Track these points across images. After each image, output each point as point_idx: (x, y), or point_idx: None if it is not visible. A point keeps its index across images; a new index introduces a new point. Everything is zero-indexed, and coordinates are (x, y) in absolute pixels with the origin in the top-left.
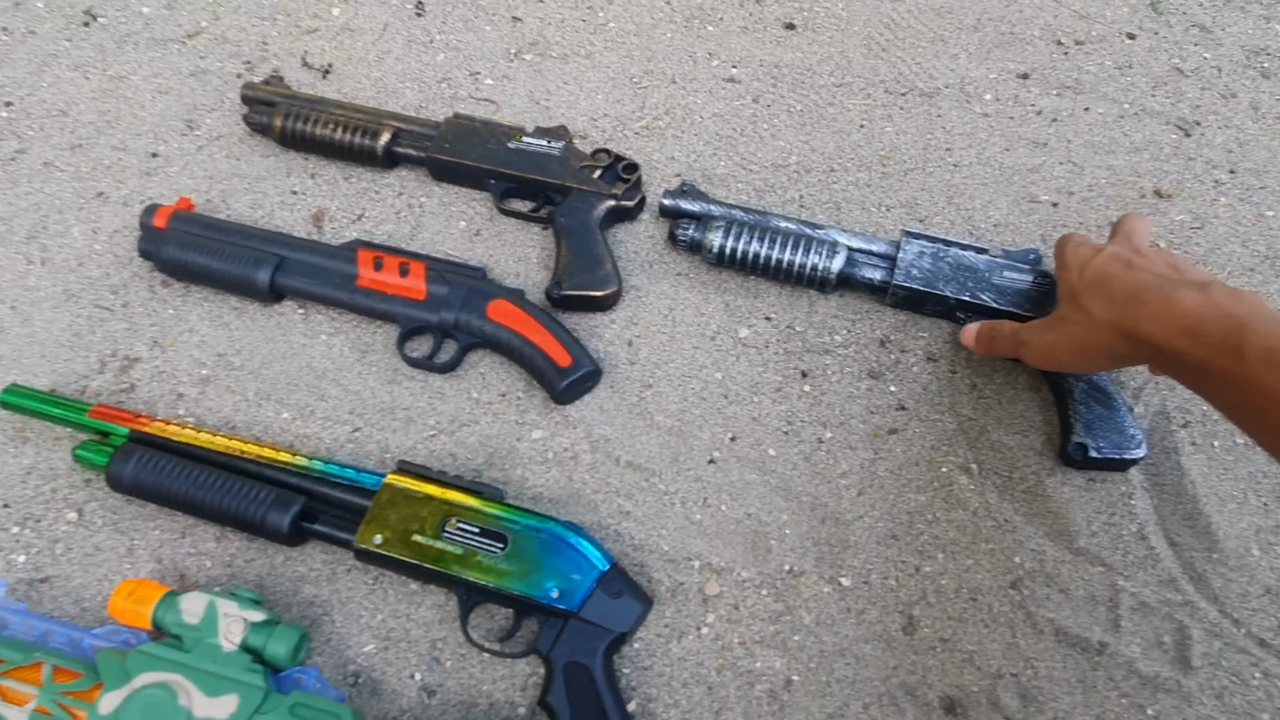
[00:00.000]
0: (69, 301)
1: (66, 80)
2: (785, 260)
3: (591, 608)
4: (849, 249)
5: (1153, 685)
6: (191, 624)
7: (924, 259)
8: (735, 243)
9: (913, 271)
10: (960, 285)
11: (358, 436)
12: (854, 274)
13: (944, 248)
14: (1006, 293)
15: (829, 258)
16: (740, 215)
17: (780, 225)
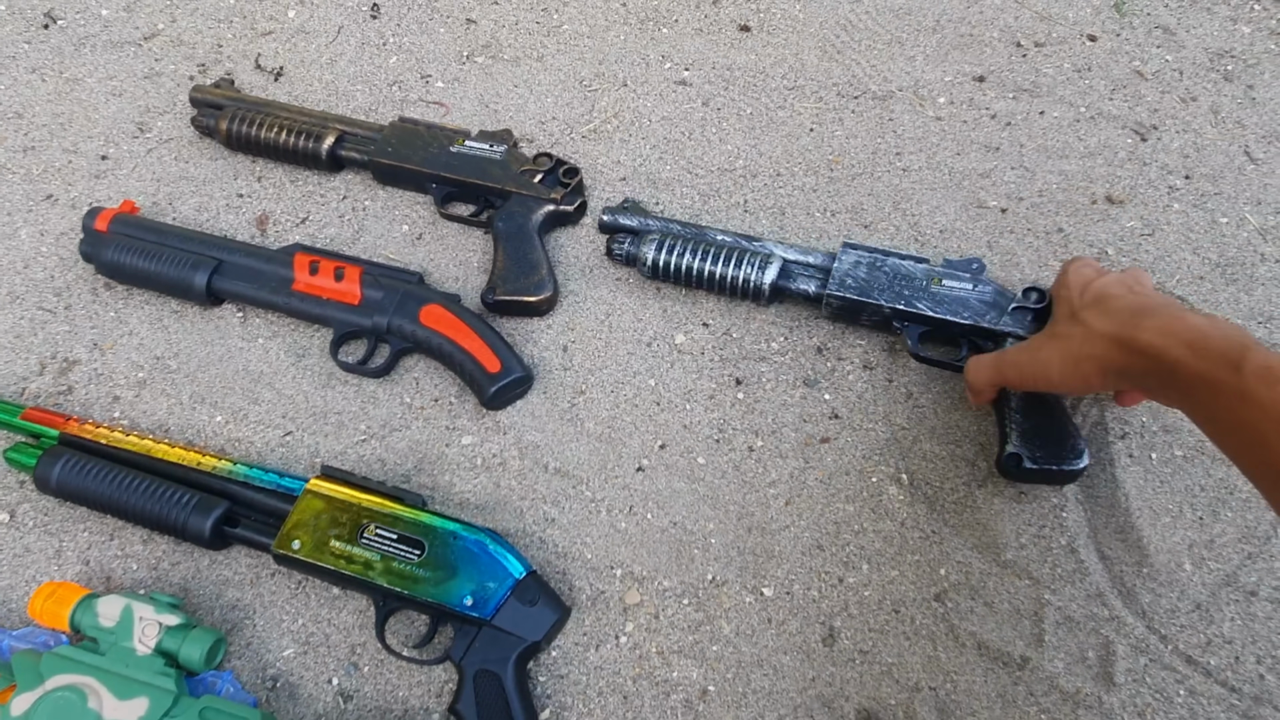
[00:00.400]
0: (13, 303)
1: (24, 83)
2: (718, 273)
3: (505, 616)
4: (784, 260)
5: (1074, 701)
6: (107, 627)
7: (859, 269)
8: (669, 256)
9: (847, 281)
10: (895, 294)
11: (289, 440)
12: (788, 286)
13: (882, 258)
14: (944, 301)
15: (761, 270)
16: (677, 229)
17: (717, 238)
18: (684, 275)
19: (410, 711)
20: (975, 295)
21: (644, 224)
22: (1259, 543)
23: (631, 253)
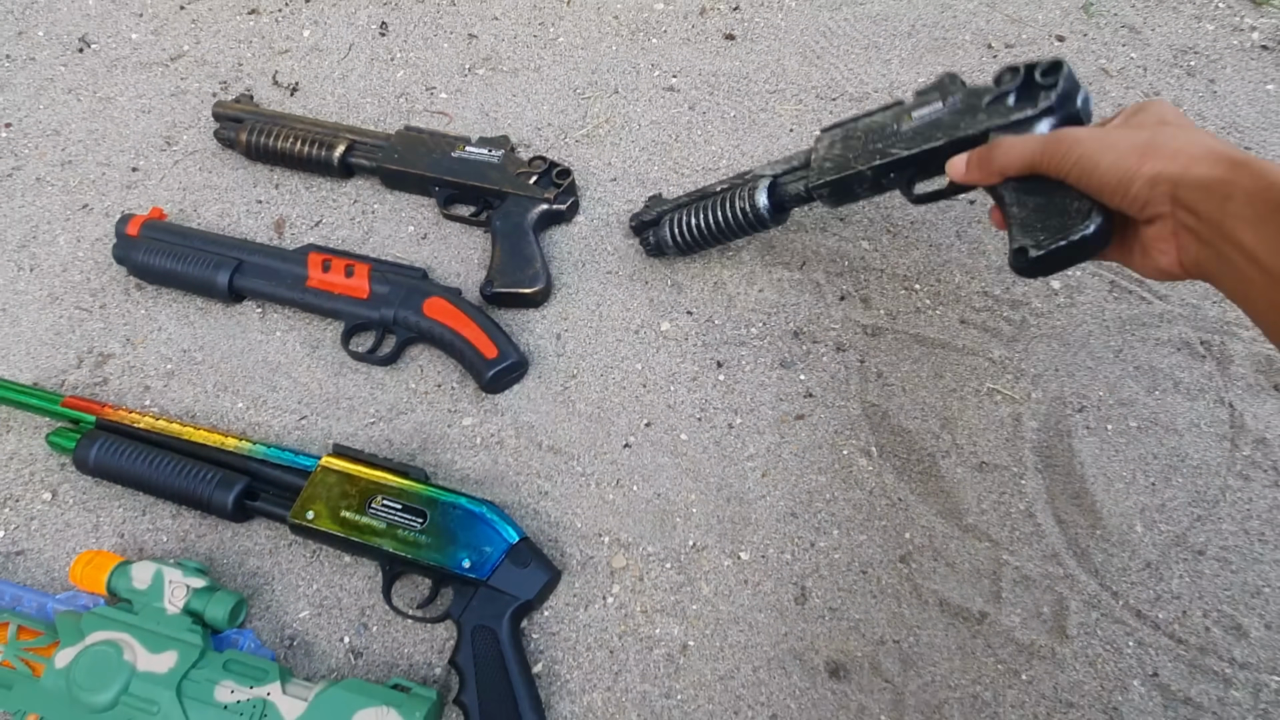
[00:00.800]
0: (53, 304)
1: (61, 102)
2: (721, 217)
3: (500, 577)
4: (771, 177)
5: (1029, 653)
6: (140, 590)
7: (835, 148)
8: (679, 227)
9: (825, 165)
10: (870, 152)
11: (304, 424)
12: (783, 196)
13: (853, 125)
14: (919, 133)
15: (753, 194)
16: (683, 200)
17: (715, 189)
18: (698, 236)
19: (415, 665)
20: (947, 111)
21: (659, 212)
22: (1208, 506)
23: (655, 242)
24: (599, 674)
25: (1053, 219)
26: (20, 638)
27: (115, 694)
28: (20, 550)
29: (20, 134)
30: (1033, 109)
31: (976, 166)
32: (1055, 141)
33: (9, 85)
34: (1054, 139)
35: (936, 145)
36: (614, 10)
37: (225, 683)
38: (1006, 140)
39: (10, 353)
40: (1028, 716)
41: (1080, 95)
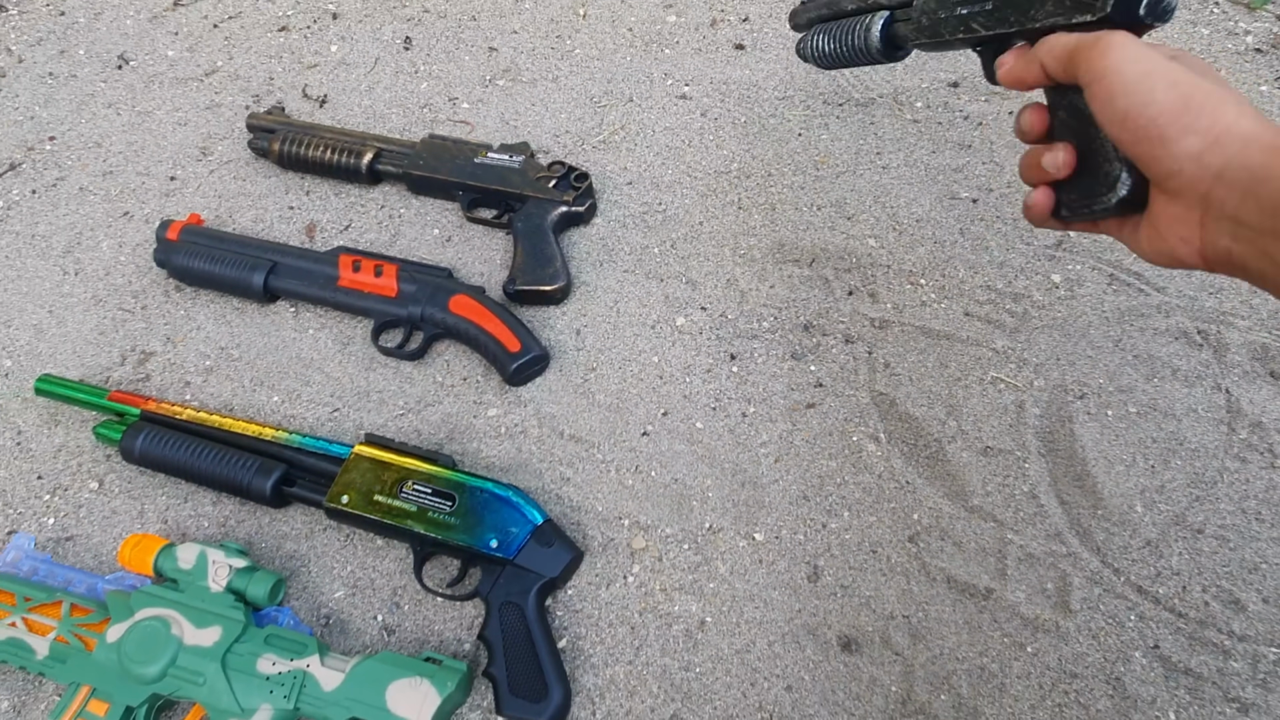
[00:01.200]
0: (96, 305)
1: (101, 116)
2: (845, 46)
3: (525, 556)
4: (889, 10)
5: (1033, 626)
6: (185, 570)
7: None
8: (816, 45)
9: (923, 23)
10: (957, 20)
11: (336, 416)
12: (895, 35)
13: None
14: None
15: (868, 31)
16: (824, 11)
17: (846, 7)
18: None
19: (445, 641)
20: None
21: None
22: (1206, 487)
23: (803, 51)
24: (621, 649)
25: (1084, 177)
26: (73, 615)
27: (164, 665)
28: (69, 536)
29: (63, 146)
30: (1089, 13)
31: (1020, 62)
32: (1090, 45)
33: (52, 101)
34: (1091, 41)
35: (1009, 31)
36: (628, 23)
37: (267, 655)
38: (1056, 36)
39: (58, 352)
40: (1033, 687)
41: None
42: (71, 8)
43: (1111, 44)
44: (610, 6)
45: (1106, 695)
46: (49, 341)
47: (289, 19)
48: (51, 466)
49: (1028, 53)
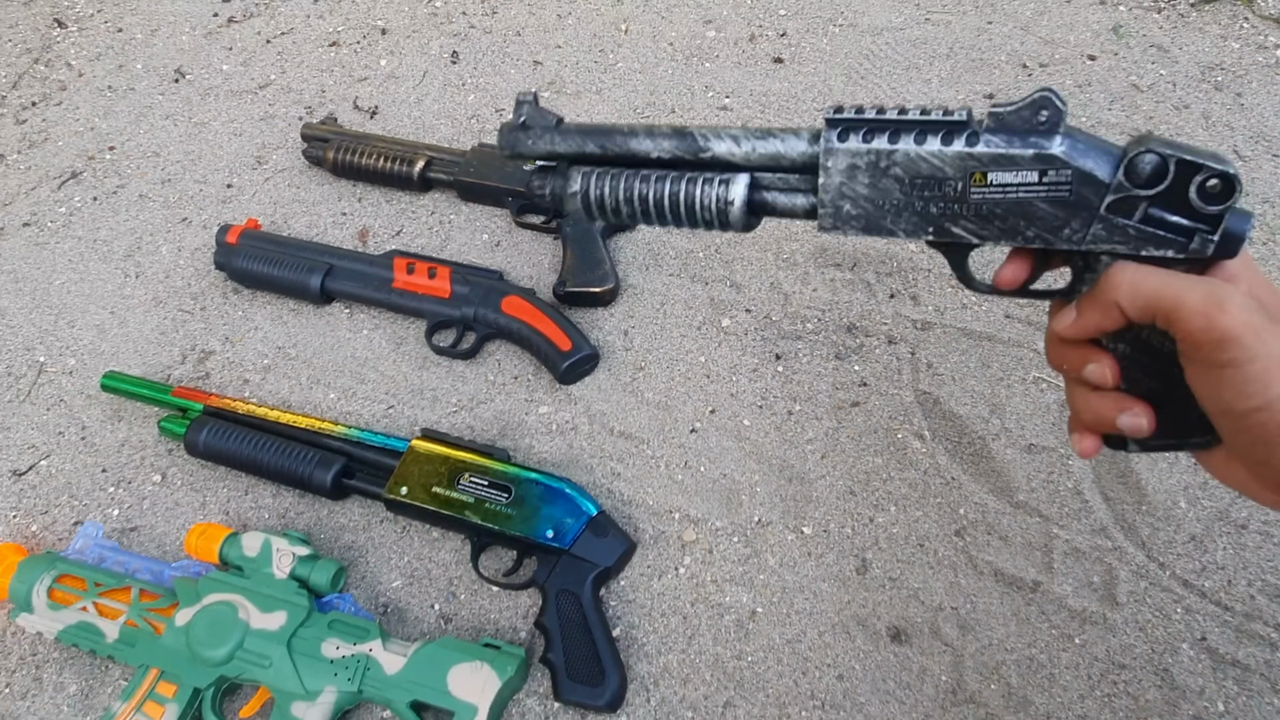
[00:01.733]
0: (157, 306)
1: (159, 127)
2: (668, 202)
3: (581, 546)
4: (749, 174)
5: (1081, 618)
6: (250, 557)
7: (859, 184)
8: (601, 189)
9: (844, 209)
10: (916, 216)
11: (391, 413)
12: (764, 203)
13: (886, 148)
14: (994, 215)
15: (723, 187)
16: (594, 149)
17: (643, 149)
18: (628, 209)
19: (501, 629)
20: (1045, 191)
21: (552, 144)
22: None
23: (557, 192)
24: (674, 638)
25: (1165, 414)
26: (143, 599)
27: (231, 649)
28: (134, 527)
29: (123, 156)
30: (1179, 249)
31: (1090, 309)
32: (1200, 305)
33: (112, 113)
34: (1201, 299)
35: (1021, 246)
36: (669, 38)
37: (331, 640)
38: (1136, 271)
39: (120, 351)
40: (1082, 677)
41: (1244, 235)
42: (129, 25)
43: (1228, 308)
44: (651, 22)
45: (1155, 686)
46: (111, 341)
47: (339, 34)
48: (116, 460)
49: (1093, 296)
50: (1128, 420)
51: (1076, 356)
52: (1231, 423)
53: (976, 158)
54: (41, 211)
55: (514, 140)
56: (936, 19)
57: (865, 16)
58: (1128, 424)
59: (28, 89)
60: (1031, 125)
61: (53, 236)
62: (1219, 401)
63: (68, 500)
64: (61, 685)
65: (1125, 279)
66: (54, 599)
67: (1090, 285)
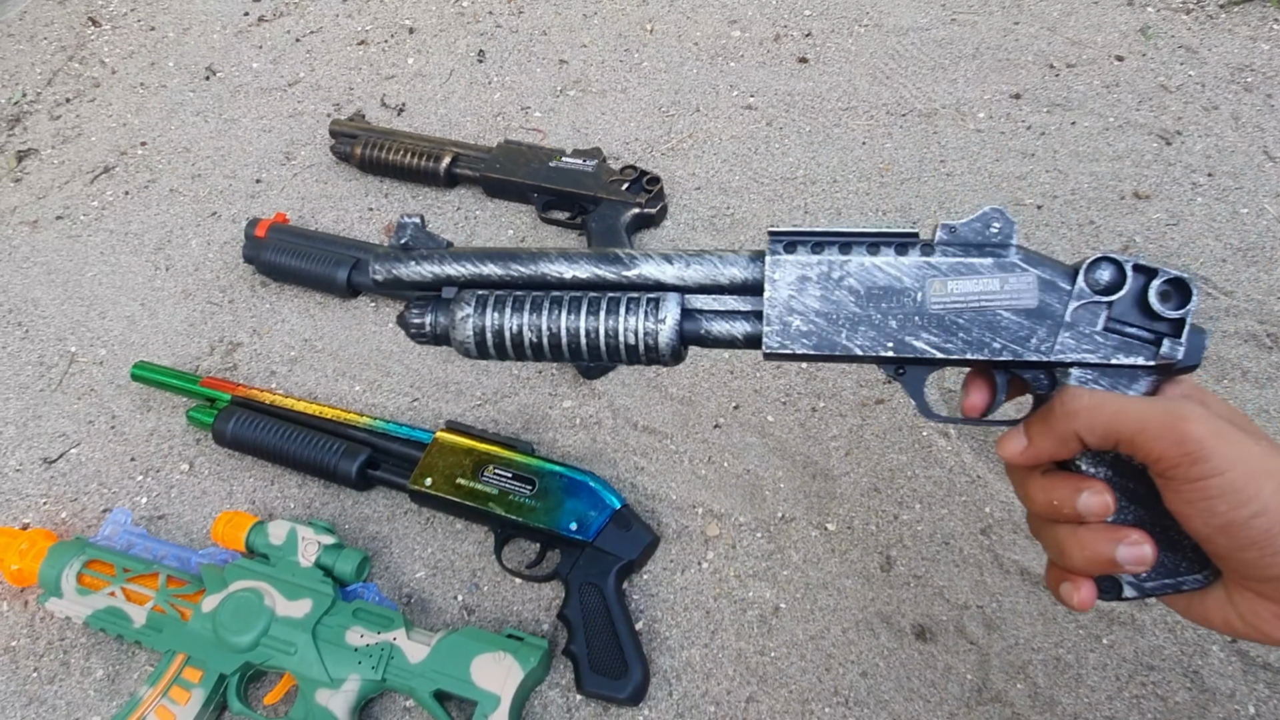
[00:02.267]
0: (186, 299)
1: (190, 124)
2: (585, 319)
3: (604, 539)
4: (679, 296)
5: (1108, 619)
6: (276, 545)
7: (808, 294)
8: (500, 317)
9: (793, 326)
10: (876, 331)
11: (416, 405)
12: (698, 333)
13: (839, 259)
14: (957, 327)
15: (651, 317)
16: (494, 271)
17: (556, 271)
18: (532, 346)
19: (524, 621)
20: (1008, 299)
21: (438, 271)
22: None
23: (442, 326)
24: (696, 632)
25: (1159, 550)
26: (170, 586)
27: (257, 635)
28: (162, 515)
29: (154, 151)
30: (1148, 356)
31: (1042, 436)
32: (1160, 425)
33: (143, 109)
34: (1160, 418)
35: (988, 359)
36: (694, 37)
37: (355, 628)
38: (1091, 396)
39: (149, 342)
40: (1110, 678)
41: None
42: (161, 24)
43: (1192, 420)
44: (676, 22)
45: (1185, 687)
46: (141, 332)
47: (367, 33)
48: (144, 449)
49: (1046, 422)
50: (1128, 551)
51: (1065, 489)
52: (1229, 538)
53: (934, 266)
54: (74, 205)
55: (391, 266)
56: (962, 19)
57: (891, 17)
58: (1129, 555)
59: (62, 86)
60: (984, 237)
61: (85, 230)
62: (1211, 516)
63: (97, 488)
64: (89, 670)
65: (1082, 405)
66: (83, 584)
67: (1038, 411)
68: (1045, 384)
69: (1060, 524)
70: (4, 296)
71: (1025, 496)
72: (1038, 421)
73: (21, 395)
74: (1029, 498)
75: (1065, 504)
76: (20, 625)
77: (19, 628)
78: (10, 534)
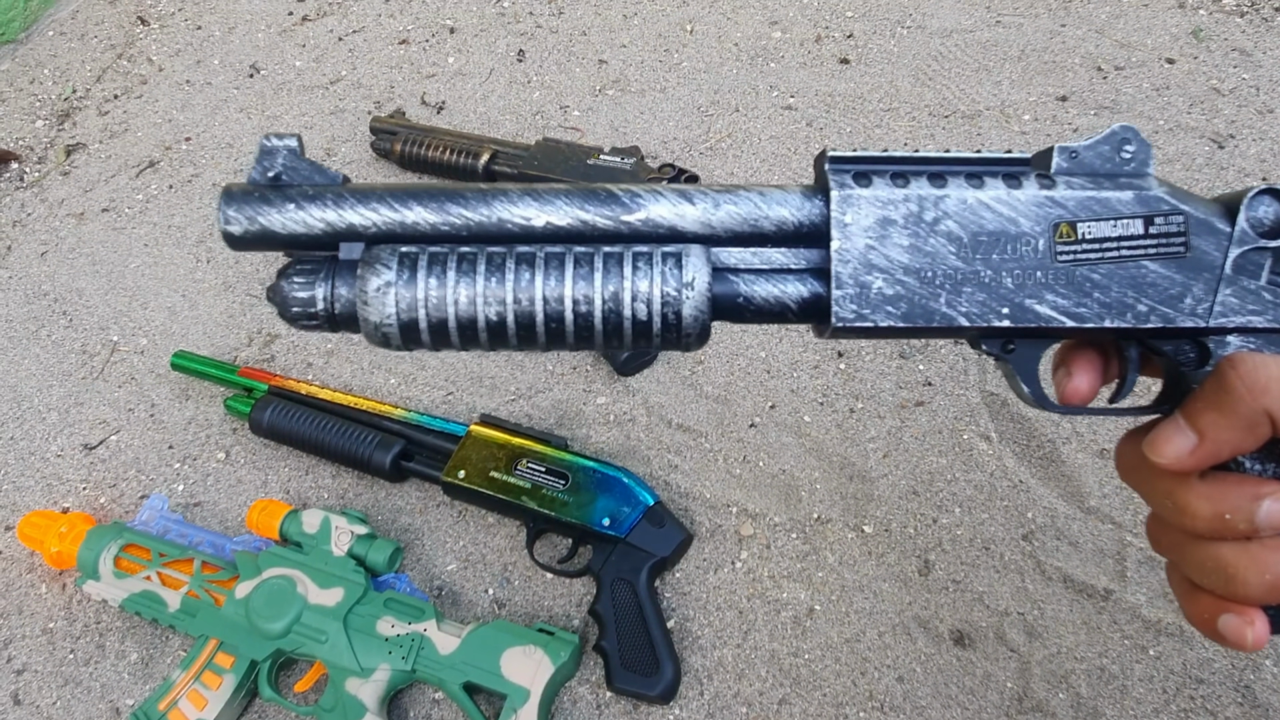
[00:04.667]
0: (226, 291)
1: (234, 120)
2: (572, 301)
3: (637, 535)
4: (706, 246)
5: (1155, 630)
6: (310, 534)
7: (893, 240)
8: (440, 286)
9: (874, 287)
10: (988, 293)
11: (450, 399)
12: (742, 299)
13: (931, 193)
14: (1092, 285)
15: (670, 279)
16: (424, 218)
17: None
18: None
19: (554, 616)
20: (1154, 247)
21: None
22: None
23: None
24: (729, 632)
25: None
26: (205, 571)
27: (289, 622)
28: (198, 502)
29: (198, 146)
30: None
31: (1218, 425)
32: None
33: (189, 105)
34: None
35: (1130, 327)
36: (733, 38)
37: (386, 618)
38: (1268, 360)
39: (189, 333)
40: (1156, 690)
41: None
42: (208, 23)
43: None
44: (716, 23)
45: (1235, 702)
46: (181, 323)
47: (409, 33)
48: (182, 437)
49: (1221, 405)
50: None
51: (1238, 497)
52: None
53: (1059, 203)
54: (120, 198)
55: (254, 211)
56: (1008, 21)
57: (934, 18)
58: None
59: (110, 82)
60: (1115, 164)
61: (130, 222)
62: None
63: (135, 474)
64: (124, 653)
65: (1273, 376)
66: (120, 567)
67: (1202, 393)
68: (1192, 358)
69: (1225, 542)
70: (50, 286)
71: (1180, 510)
72: (1207, 407)
73: (64, 383)
74: (1187, 511)
75: (1240, 516)
76: (58, 608)
77: (57, 610)
78: (50, 517)
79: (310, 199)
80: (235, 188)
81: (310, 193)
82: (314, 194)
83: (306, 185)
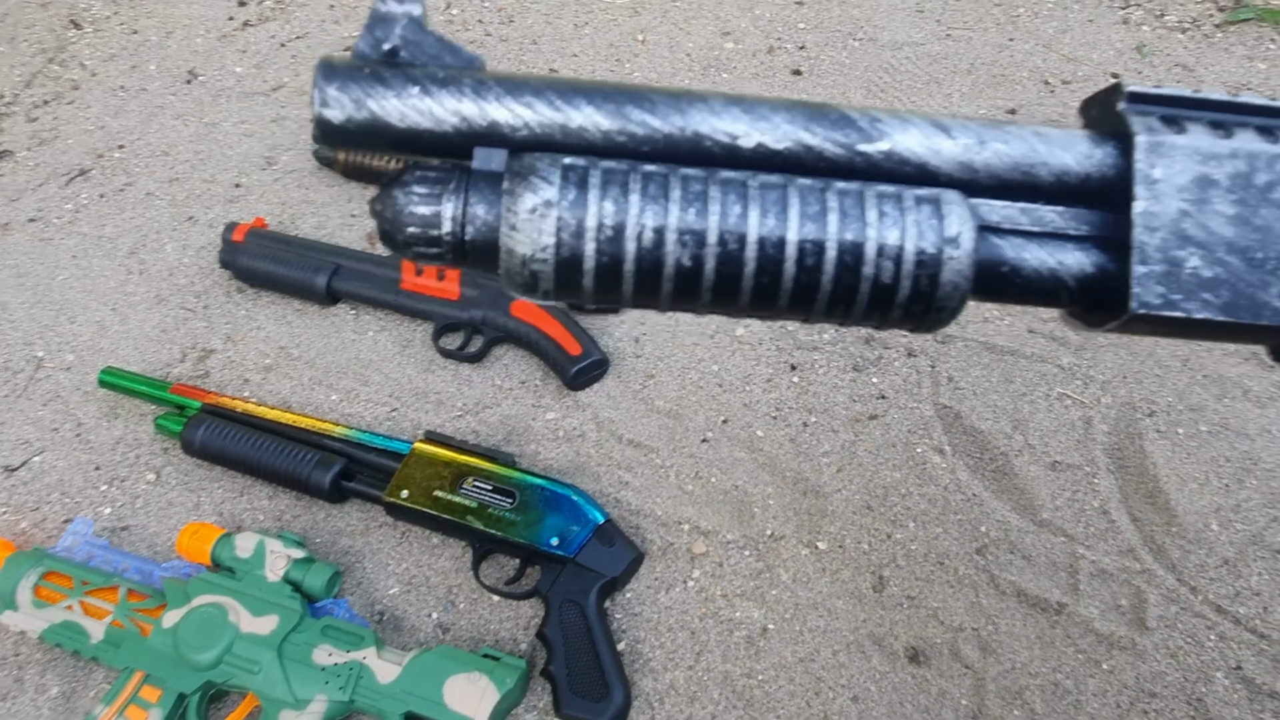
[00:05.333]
0: (159, 304)
1: (170, 127)
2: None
3: (587, 554)
4: (960, 190)
5: (1108, 643)
6: (243, 558)
7: (1214, 206)
8: (620, 209)
9: (1188, 265)
10: None
11: (395, 415)
12: (1007, 267)
13: (1265, 149)
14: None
15: (927, 229)
16: (595, 122)
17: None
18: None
19: (501, 641)
20: None
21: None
22: None
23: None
24: (681, 653)
25: None
26: (130, 600)
27: (219, 652)
28: (125, 526)
29: (132, 154)
30: None
31: None
32: None
33: (123, 112)
34: None
35: None
36: (685, 49)
37: (323, 646)
38: None
39: (119, 348)
40: (1110, 705)
41: None
42: (144, 27)
43: None
44: (669, 33)
45: (1188, 715)
46: (110, 338)
47: (354, 40)
48: (110, 458)
49: None
50: None
51: None
52: None
53: None
54: (48, 208)
55: (365, 92)
56: (957, 35)
57: (885, 31)
58: None
59: (40, 88)
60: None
61: (58, 233)
62: None
63: (59, 497)
64: (43, 687)
65: None
66: (39, 597)
67: None
68: None
69: None
70: None
71: None
72: None
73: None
74: None
75: None
76: None
77: None
78: None
79: (441, 83)
80: (338, 60)
81: (440, 76)
82: (445, 78)
83: (434, 66)
